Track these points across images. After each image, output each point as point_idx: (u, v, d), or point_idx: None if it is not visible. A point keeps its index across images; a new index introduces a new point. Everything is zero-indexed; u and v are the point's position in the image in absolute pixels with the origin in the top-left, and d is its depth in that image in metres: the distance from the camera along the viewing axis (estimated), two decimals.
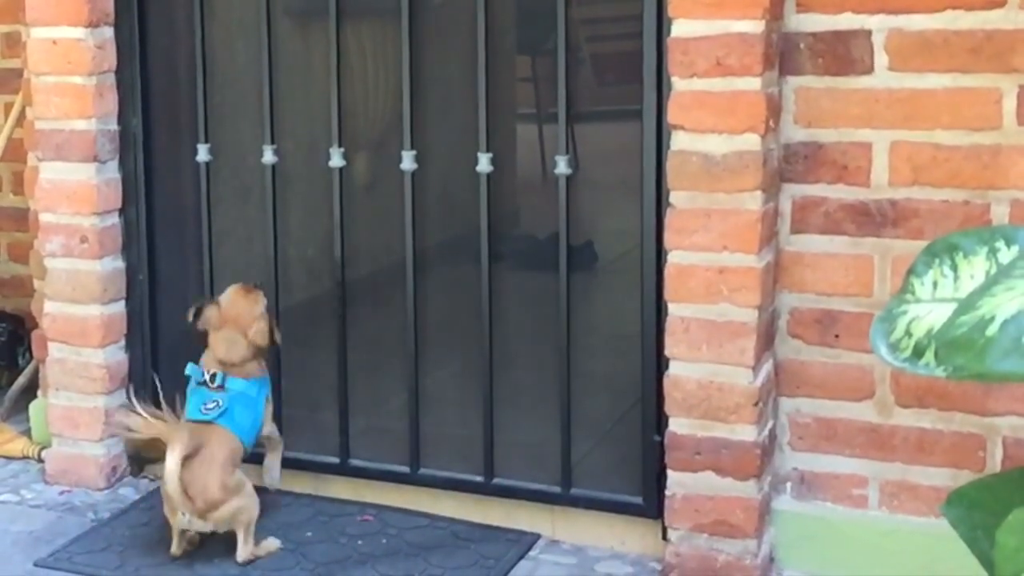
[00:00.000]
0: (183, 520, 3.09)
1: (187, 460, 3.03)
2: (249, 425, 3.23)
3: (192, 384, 3.25)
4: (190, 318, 3.25)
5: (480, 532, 3.29)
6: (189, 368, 3.26)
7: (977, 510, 1.58)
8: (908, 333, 1.54)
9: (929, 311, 1.55)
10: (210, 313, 3.25)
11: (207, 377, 3.21)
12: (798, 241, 3.00)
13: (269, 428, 3.33)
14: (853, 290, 2.97)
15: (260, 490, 3.25)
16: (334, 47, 3.37)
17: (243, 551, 3.14)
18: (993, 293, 1.39)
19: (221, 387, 3.21)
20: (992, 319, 1.36)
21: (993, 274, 1.52)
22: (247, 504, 3.14)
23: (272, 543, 3.21)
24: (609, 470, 3.31)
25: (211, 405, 3.18)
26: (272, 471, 3.37)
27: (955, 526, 1.60)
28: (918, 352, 1.52)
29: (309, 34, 3.64)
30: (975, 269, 1.57)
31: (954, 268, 1.59)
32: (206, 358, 3.26)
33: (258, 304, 3.28)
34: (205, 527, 3.12)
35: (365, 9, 3.63)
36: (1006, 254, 1.56)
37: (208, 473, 3.06)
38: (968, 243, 1.60)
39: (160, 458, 3.08)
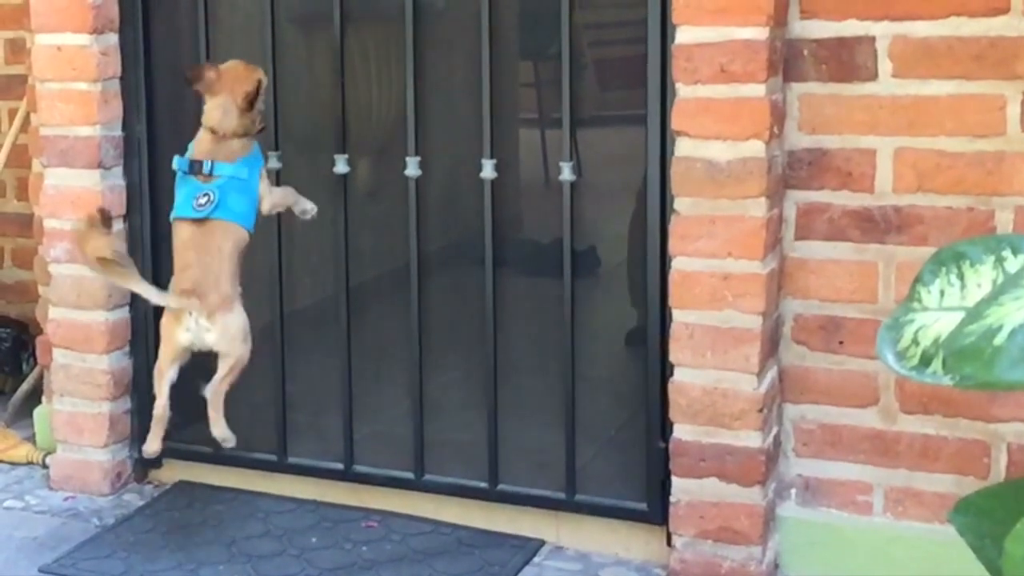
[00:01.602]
0: (191, 326, 3.03)
1: (194, 257, 3.02)
2: (246, 210, 3.13)
3: (179, 176, 3.15)
4: (187, 76, 3.18)
5: (484, 538, 3.29)
6: (176, 160, 3.16)
7: (985, 518, 1.58)
8: (915, 341, 1.55)
9: (936, 320, 1.55)
10: (208, 74, 3.15)
11: (196, 167, 3.11)
12: (802, 247, 3.00)
13: (270, 201, 3.19)
14: (857, 297, 2.97)
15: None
16: (338, 53, 3.38)
17: (222, 384, 3.07)
18: (1001, 302, 1.39)
19: (210, 175, 3.10)
20: (1000, 328, 1.36)
21: (1000, 283, 1.52)
22: (247, 336, 3.08)
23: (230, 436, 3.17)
24: (613, 476, 3.31)
25: (203, 200, 3.08)
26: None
27: (962, 534, 1.60)
28: (925, 360, 1.52)
29: (313, 40, 3.64)
30: (982, 278, 1.57)
31: (961, 277, 1.59)
32: (195, 143, 3.16)
33: (257, 73, 3.19)
34: (211, 335, 3.03)
35: (369, 15, 3.64)
36: (1013, 263, 1.56)
37: (220, 266, 3.01)
38: (975, 252, 1.60)
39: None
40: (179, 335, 3.07)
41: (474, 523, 3.35)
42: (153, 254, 3.61)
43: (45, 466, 3.75)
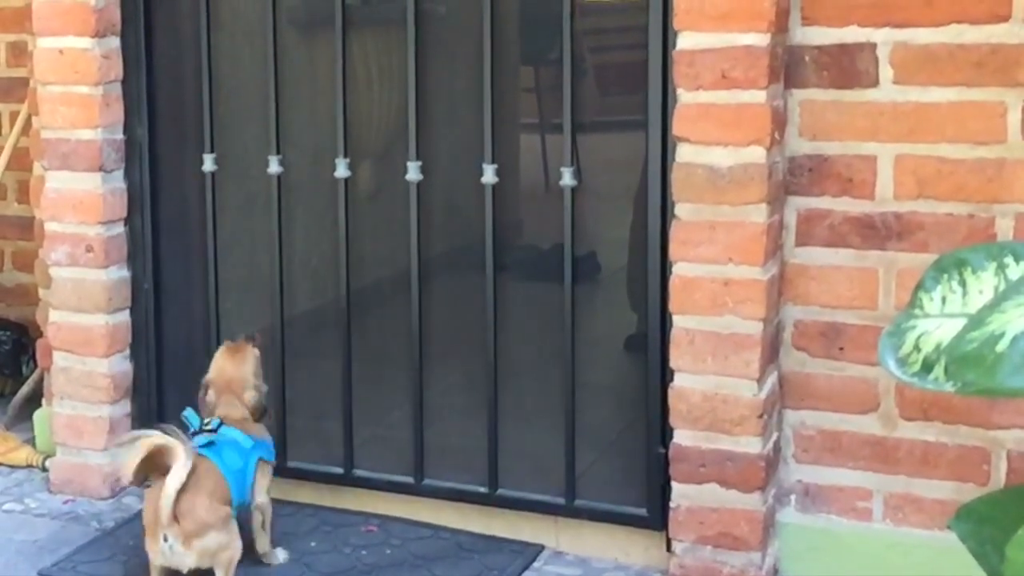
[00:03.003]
0: (165, 549, 2.94)
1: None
2: (238, 471, 3.09)
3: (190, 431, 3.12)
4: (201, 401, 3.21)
5: (484, 543, 3.29)
6: (187, 412, 3.17)
7: (986, 525, 1.58)
8: (917, 348, 1.55)
9: (938, 326, 1.56)
10: (209, 392, 3.19)
11: (203, 423, 3.12)
12: (803, 254, 3.01)
13: (262, 497, 3.17)
14: (858, 303, 2.97)
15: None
16: (340, 57, 3.38)
17: None
18: (1003, 309, 1.39)
19: (214, 431, 3.11)
20: (1002, 335, 1.36)
21: (1002, 290, 1.52)
22: (232, 541, 3.01)
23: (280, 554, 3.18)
24: (613, 482, 3.31)
25: (204, 435, 3.09)
26: (264, 548, 3.20)
27: (964, 541, 1.60)
28: (927, 367, 1.52)
29: (315, 44, 3.64)
30: (984, 285, 1.58)
31: (963, 283, 1.60)
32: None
33: (247, 364, 3.22)
34: (187, 558, 2.95)
35: (370, 20, 3.64)
36: (1015, 270, 1.56)
37: (196, 497, 2.93)
38: (977, 258, 1.60)
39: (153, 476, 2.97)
40: (158, 547, 2.96)
41: (474, 528, 3.35)
42: (154, 256, 3.61)
43: (45, 469, 3.75)
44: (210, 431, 3.11)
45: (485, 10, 3.19)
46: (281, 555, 3.21)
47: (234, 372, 3.21)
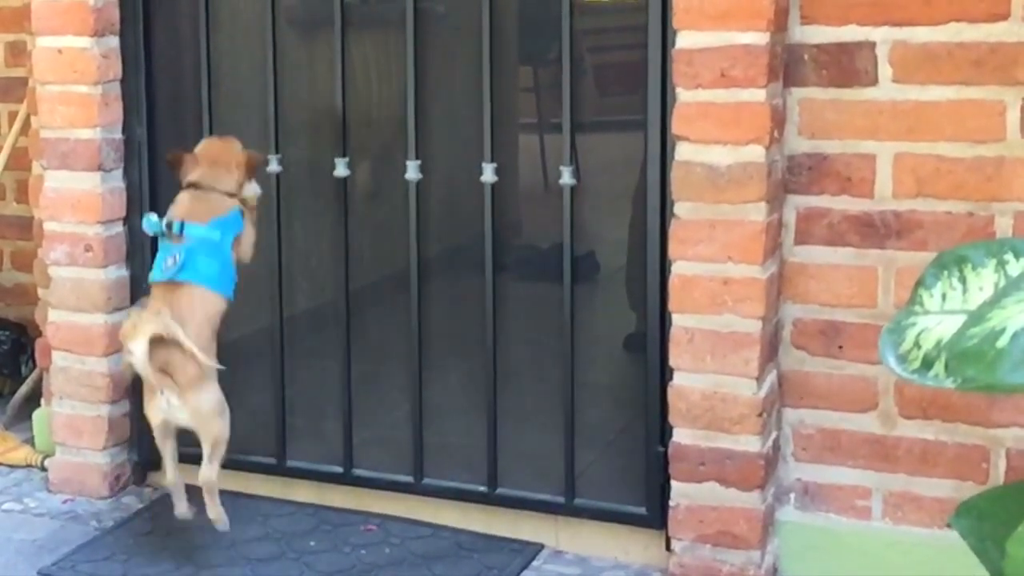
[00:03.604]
0: (163, 404, 3.01)
1: (161, 339, 2.97)
2: (217, 273, 3.10)
3: (159, 241, 3.16)
4: (168, 160, 3.24)
5: (484, 542, 3.29)
6: (145, 222, 3.19)
7: (987, 521, 1.58)
8: (917, 344, 1.55)
9: (938, 323, 1.56)
10: (186, 159, 3.20)
11: (164, 228, 3.11)
12: (802, 252, 3.01)
13: (246, 258, 3.21)
14: (857, 301, 2.97)
15: None
16: (339, 57, 3.38)
17: (209, 470, 3.07)
18: (1003, 305, 1.40)
19: (180, 236, 3.09)
20: (1003, 331, 1.36)
21: (1003, 286, 1.52)
22: (223, 410, 3.07)
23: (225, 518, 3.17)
24: (613, 480, 3.31)
25: (169, 262, 3.08)
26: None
27: (964, 537, 1.60)
28: (927, 364, 1.52)
29: (314, 44, 3.65)
30: (984, 281, 1.58)
31: (963, 280, 1.60)
32: (173, 206, 3.19)
33: (235, 144, 3.24)
34: (183, 413, 3.02)
35: (370, 19, 3.64)
36: (1015, 266, 1.56)
37: (191, 339, 2.97)
38: (977, 255, 1.60)
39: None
40: (154, 413, 3.07)
41: (473, 527, 3.35)
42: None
43: (44, 469, 3.75)
44: (177, 236, 3.10)
45: (484, 9, 3.19)
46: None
47: (222, 146, 3.24)
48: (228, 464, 3.57)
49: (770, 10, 2.82)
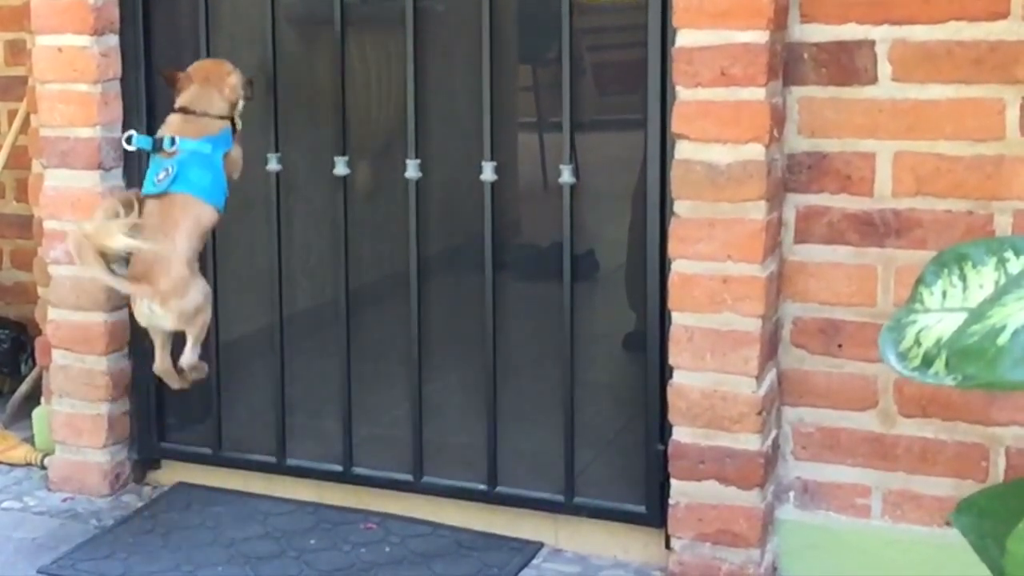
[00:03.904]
0: (145, 310, 3.07)
1: (147, 237, 3.02)
2: (209, 184, 3.15)
3: (150, 159, 3.22)
4: (163, 76, 3.29)
5: (483, 540, 3.30)
6: (135, 138, 3.25)
7: (987, 518, 1.58)
8: (917, 342, 1.55)
9: (938, 320, 1.56)
10: (180, 78, 3.24)
11: (158, 143, 3.17)
12: (801, 251, 3.01)
13: (236, 176, 3.26)
14: (856, 300, 2.97)
15: None
16: (339, 56, 3.38)
17: (192, 355, 3.14)
18: (1004, 303, 1.40)
19: (172, 151, 3.14)
20: (1003, 328, 1.36)
21: (1003, 284, 1.53)
22: (206, 304, 3.12)
23: (204, 365, 3.24)
24: (612, 479, 3.31)
25: (161, 175, 3.13)
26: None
27: (964, 534, 1.61)
28: (927, 361, 1.52)
29: (314, 42, 3.65)
30: (984, 279, 1.58)
31: (963, 278, 1.60)
32: (164, 126, 3.24)
33: (226, 65, 3.28)
34: (166, 320, 3.07)
35: (369, 18, 3.64)
36: (1015, 264, 1.56)
37: (175, 246, 3.03)
38: (977, 253, 1.60)
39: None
40: (139, 318, 3.13)
41: (473, 525, 3.35)
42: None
43: (44, 467, 3.75)
44: (169, 153, 3.15)
45: (484, 8, 3.19)
46: None
47: (213, 66, 3.28)
48: (227, 462, 3.60)
49: (770, 8, 2.82)
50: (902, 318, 1.59)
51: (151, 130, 3.51)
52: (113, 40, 3.50)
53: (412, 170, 3.34)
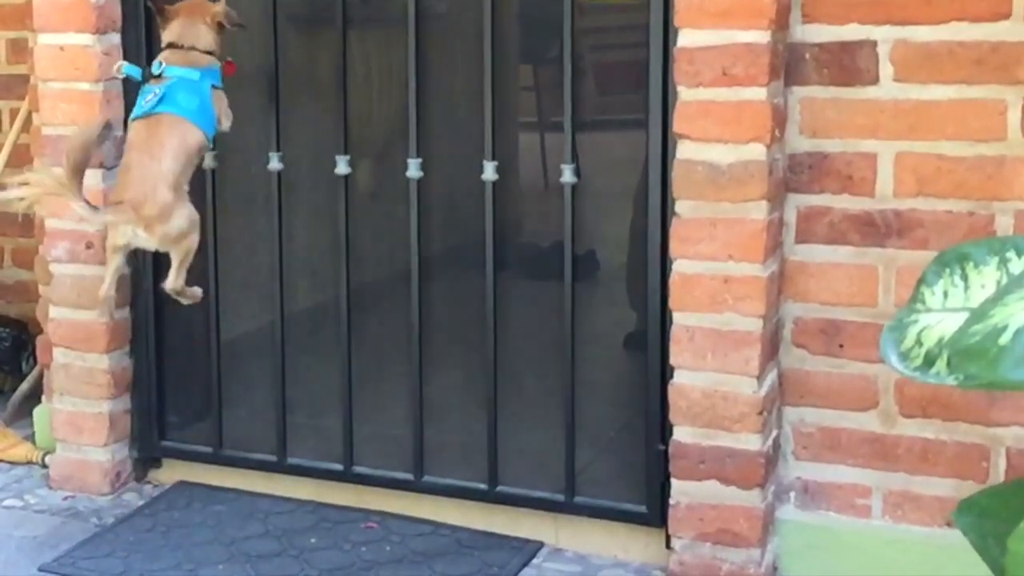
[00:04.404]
0: (128, 234, 3.09)
1: (135, 158, 3.07)
2: (197, 108, 3.19)
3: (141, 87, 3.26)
4: (149, 5, 3.32)
5: (484, 540, 3.30)
6: (125, 67, 3.30)
7: (988, 518, 1.58)
8: (919, 342, 1.55)
9: (940, 320, 1.56)
10: (167, 12, 3.27)
11: (147, 72, 3.22)
12: (803, 251, 3.01)
13: (225, 122, 3.28)
14: (857, 300, 2.98)
15: None
16: (340, 55, 3.39)
17: (176, 281, 3.14)
18: (1006, 302, 1.40)
19: (160, 77, 3.19)
20: (1005, 328, 1.36)
21: (1005, 284, 1.53)
22: (193, 228, 3.13)
23: (197, 291, 3.24)
24: (613, 478, 3.31)
25: (149, 97, 3.18)
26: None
27: (966, 534, 1.60)
28: (929, 361, 1.52)
29: (315, 42, 3.65)
30: (986, 279, 1.58)
31: (965, 278, 1.60)
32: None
33: (208, 2, 3.30)
34: (151, 243, 3.10)
35: (371, 18, 3.64)
36: (1017, 264, 1.56)
37: (160, 168, 3.06)
38: (979, 253, 1.61)
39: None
40: (117, 237, 3.14)
41: (473, 524, 3.35)
42: (154, 253, 3.61)
43: (44, 465, 3.75)
44: (156, 77, 3.19)
45: (486, 8, 3.19)
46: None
47: (198, 2, 3.29)
48: (228, 461, 3.60)
49: (772, 8, 2.82)
50: (903, 318, 1.59)
51: None
52: (115, 38, 3.50)
53: (413, 169, 3.34)
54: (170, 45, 3.26)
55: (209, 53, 3.26)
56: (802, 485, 3.08)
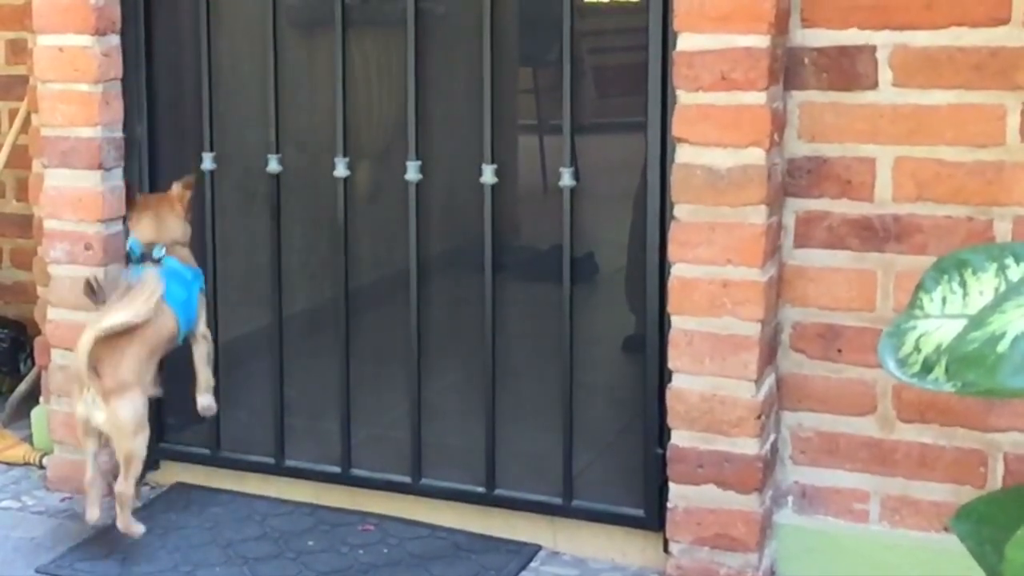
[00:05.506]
0: (87, 401, 3.13)
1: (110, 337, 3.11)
2: (183, 303, 3.28)
3: (134, 260, 3.35)
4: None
5: (481, 543, 3.30)
6: (130, 241, 3.37)
7: (986, 525, 1.58)
8: (917, 348, 1.55)
9: (938, 327, 1.56)
10: (136, 204, 3.39)
11: (144, 252, 3.31)
12: (801, 255, 3.01)
13: (203, 327, 3.38)
14: (856, 305, 2.97)
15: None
16: (339, 57, 3.38)
17: (123, 484, 3.16)
18: (1004, 310, 1.40)
19: (159, 262, 3.27)
20: (1003, 335, 1.36)
21: (1003, 291, 1.53)
22: (141, 433, 3.16)
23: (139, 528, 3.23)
24: (611, 482, 3.31)
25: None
26: (204, 395, 3.40)
27: (963, 540, 1.61)
28: (927, 367, 1.52)
29: (314, 44, 3.65)
30: (984, 286, 1.58)
31: (963, 284, 1.60)
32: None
33: (173, 188, 3.39)
34: (101, 415, 3.13)
35: (370, 19, 3.64)
36: (1015, 271, 1.56)
37: (129, 349, 3.13)
38: (977, 259, 1.60)
39: None
40: (79, 409, 3.19)
41: (471, 528, 3.35)
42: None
43: (42, 467, 3.75)
44: (155, 261, 3.27)
45: (485, 10, 3.19)
46: (213, 405, 3.40)
47: (156, 196, 3.41)
48: (226, 463, 3.60)
49: (771, 13, 2.82)
50: (902, 324, 1.59)
51: (152, 128, 3.54)
52: (115, 40, 3.50)
53: (412, 172, 3.34)
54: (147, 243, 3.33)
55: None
56: (800, 489, 3.08)
